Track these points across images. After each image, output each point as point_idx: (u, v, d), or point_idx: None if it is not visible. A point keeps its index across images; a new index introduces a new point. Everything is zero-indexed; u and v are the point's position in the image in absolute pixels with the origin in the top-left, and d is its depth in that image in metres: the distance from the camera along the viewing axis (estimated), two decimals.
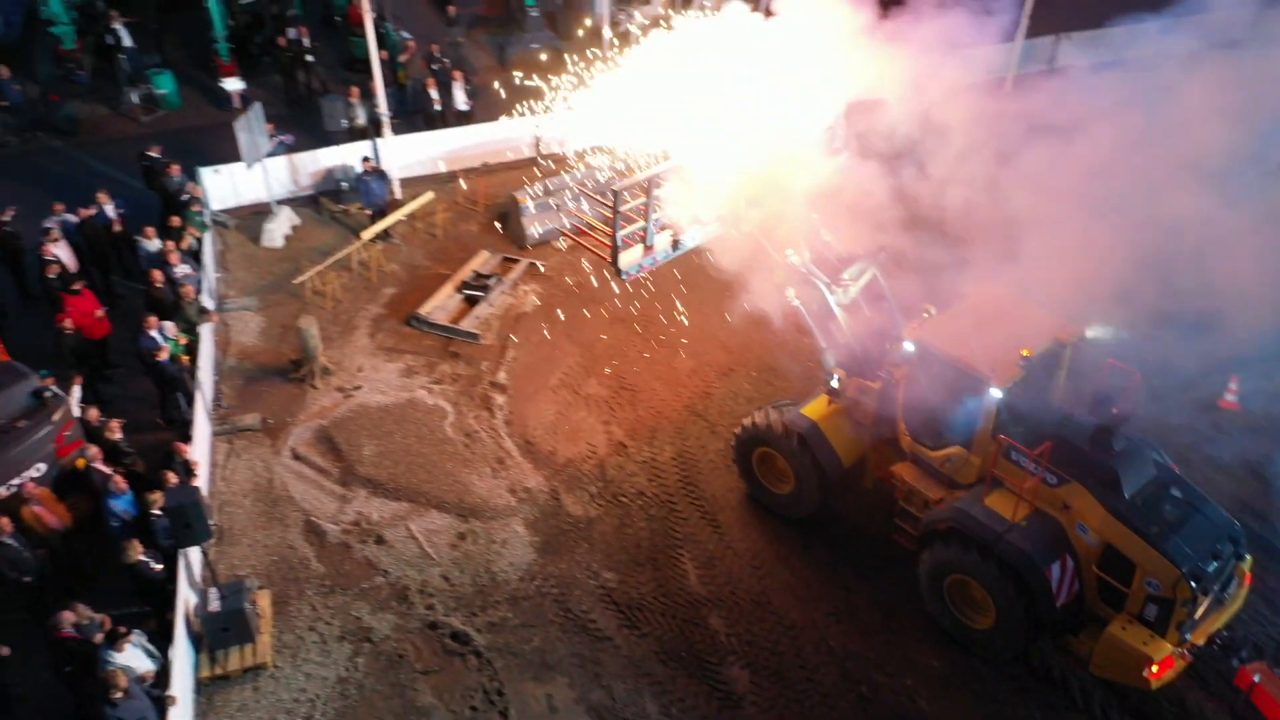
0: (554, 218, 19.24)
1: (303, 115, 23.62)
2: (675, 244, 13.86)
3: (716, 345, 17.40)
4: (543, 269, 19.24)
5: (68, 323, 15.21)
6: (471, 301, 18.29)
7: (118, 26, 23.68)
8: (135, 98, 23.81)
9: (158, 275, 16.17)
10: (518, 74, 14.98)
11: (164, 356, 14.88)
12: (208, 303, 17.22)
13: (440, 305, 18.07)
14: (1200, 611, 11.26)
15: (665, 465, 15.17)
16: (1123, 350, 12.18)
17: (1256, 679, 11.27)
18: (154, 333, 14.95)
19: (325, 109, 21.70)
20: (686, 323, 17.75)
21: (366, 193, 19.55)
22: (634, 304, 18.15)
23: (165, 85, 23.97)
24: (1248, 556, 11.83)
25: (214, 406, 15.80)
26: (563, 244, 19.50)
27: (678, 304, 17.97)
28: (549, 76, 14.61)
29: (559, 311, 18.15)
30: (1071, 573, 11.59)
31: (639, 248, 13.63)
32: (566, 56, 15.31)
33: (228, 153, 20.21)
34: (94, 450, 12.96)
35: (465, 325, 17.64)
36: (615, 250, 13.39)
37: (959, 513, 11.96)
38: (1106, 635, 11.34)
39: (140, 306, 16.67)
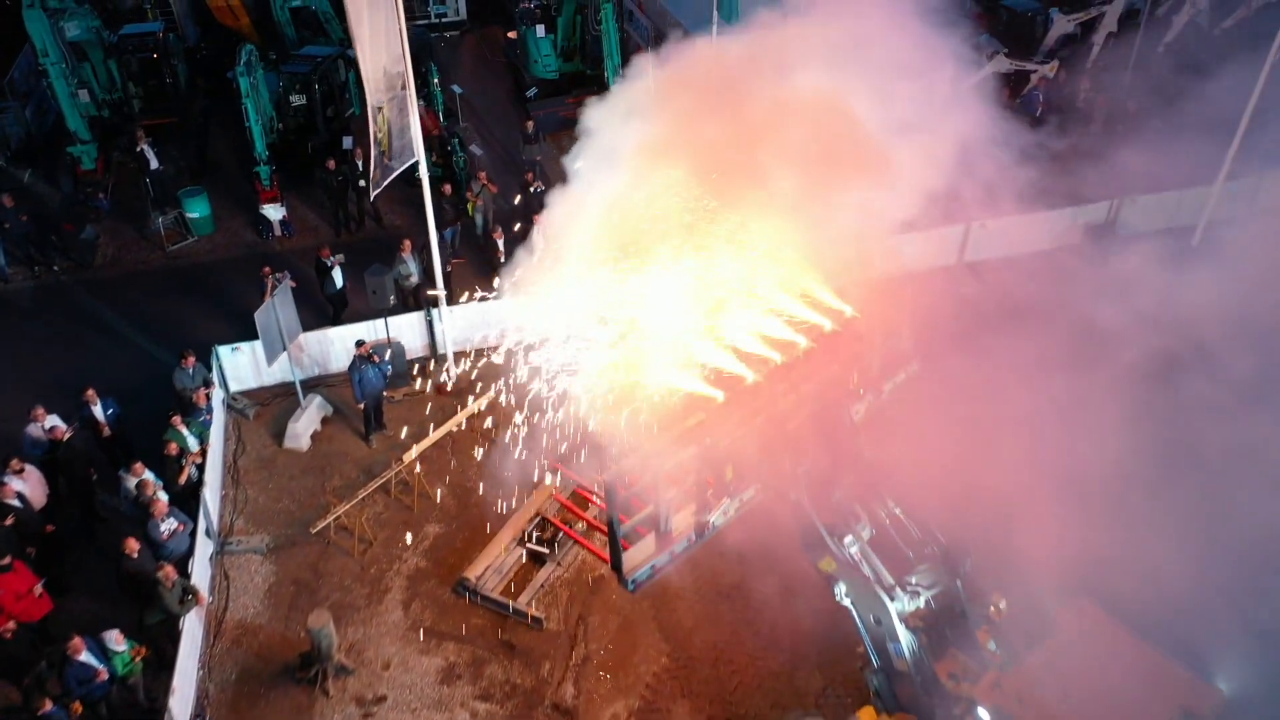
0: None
1: (350, 246, 20.01)
2: (702, 529, 10.44)
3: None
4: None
5: (11, 625, 11.70)
6: (535, 558, 14.29)
7: (144, 147, 20.18)
8: (162, 223, 20.42)
9: (132, 544, 12.52)
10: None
11: (103, 679, 11.31)
12: (205, 549, 13.61)
13: (494, 565, 14.07)
14: None
15: None
16: None
17: None
18: (84, 656, 11.26)
19: (370, 286, 17.51)
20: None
21: (360, 384, 15.41)
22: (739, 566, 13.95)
23: (197, 209, 20.50)
24: None
25: None
26: None
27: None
28: None
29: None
30: None
31: (649, 540, 10.34)
32: None
33: (258, 294, 16.63)
34: None
35: (525, 601, 13.63)
36: (616, 552, 10.24)
37: None
38: None
39: (111, 578, 13.07)
